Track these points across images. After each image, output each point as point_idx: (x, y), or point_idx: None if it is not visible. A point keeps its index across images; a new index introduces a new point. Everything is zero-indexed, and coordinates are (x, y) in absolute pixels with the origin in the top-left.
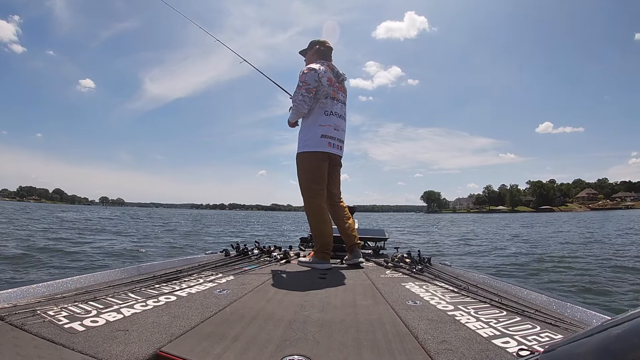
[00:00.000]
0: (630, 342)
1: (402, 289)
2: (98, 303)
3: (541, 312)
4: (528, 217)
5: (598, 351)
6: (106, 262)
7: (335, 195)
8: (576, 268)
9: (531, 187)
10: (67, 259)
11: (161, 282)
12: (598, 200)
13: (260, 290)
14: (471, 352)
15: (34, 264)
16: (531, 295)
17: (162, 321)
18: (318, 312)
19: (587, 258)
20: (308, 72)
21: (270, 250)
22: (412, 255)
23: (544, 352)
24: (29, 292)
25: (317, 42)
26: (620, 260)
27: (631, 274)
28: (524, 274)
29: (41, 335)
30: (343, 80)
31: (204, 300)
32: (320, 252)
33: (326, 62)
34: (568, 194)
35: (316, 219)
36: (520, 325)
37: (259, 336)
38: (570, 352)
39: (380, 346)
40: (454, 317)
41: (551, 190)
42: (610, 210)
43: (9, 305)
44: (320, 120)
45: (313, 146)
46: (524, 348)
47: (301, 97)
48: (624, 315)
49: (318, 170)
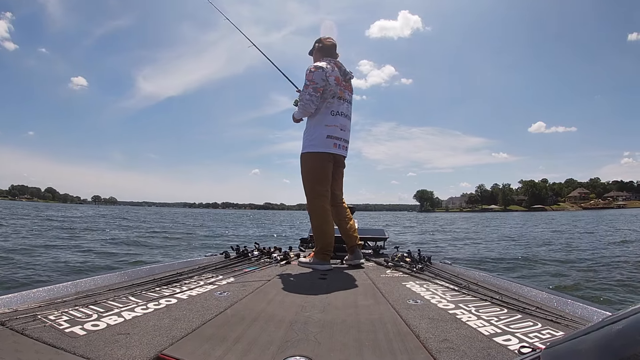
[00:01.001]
0: (631, 338)
1: (402, 289)
2: (99, 307)
3: (542, 309)
4: (526, 216)
5: (599, 347)
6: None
7: (338, 196)
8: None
9: (523, 187)
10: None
11: (162, 284)
12: (590, 200)
13: (260, 291)
14: (473, 350)
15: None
16: (532, 292)
17: (163, 324)
18: (319, 313)
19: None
20: (315, 70)
21: (271, 252)
22: (412, 255)
23: (546, 349)
24: (30, 296)
25: (319, 40)
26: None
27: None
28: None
29: (42, 340)
30: (350, 78)
31: (205, 302)
32: (321, 253)
33: (333, 60)
34: (560, 193)
35: (319, 220)
36: (522, 323)
37: (260, 338)
38: (571, 348)
39: (381, 346)
40: (455, 316)
41: (543, 189)
42: (602, 209)
43: (10, 310)
44: (327, 121)
45: (318, 147)
46: (526, 345)
47: (308, 97)
48: (625, 312)
49: (322, 171)
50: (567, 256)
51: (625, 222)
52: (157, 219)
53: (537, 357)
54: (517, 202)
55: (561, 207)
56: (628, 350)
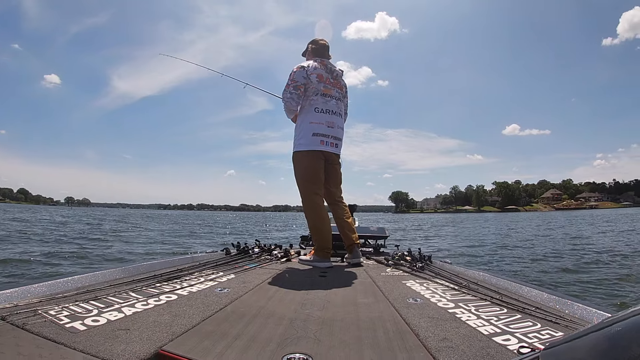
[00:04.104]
0: (630, 339)
1: (402, 287)
2: (99, 302)
3: (541, 309)
4: (499, 217)
5: (599, 348)
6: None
7: (335, 193)
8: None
9: (497, 188)
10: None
11: (162, 280)
12: (562, 201)
13: (261, 288)
14: (472, 349)
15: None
16: (532, 292)
17: (163, 320)
18: (319, 311)
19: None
20: (297, 70)
21: (271, 249)
22: (412, 253)
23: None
24: (30, 291)
25: (311, 42)
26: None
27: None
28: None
29: (42, 335)
30: (338, 76)
31: (205, 298)
32: (321, 250)
33: (319, 59)
34: (533, 194)
35: (314, 218)
36: (521, 323)
37: (260, 334)
38: (571, 349)
39: (381, 344)
40: (455, 315)
41: (517, 190)
42: (575, 210)
43: (10, 305)
44: (311, 118)
45: (306, 145)
46: (525, 345)
47: (289, 95)
48: (625, 313)
49: (313, 169)
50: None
51: (583, 224)
52: (117, 225)
53: (536, 358)
54: (490, 203)
55: (534, 208)
56: (628, 351)
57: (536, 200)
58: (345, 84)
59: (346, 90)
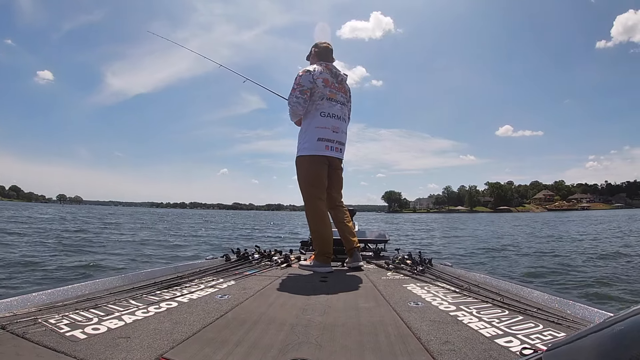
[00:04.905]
0: (633, 339)
1: (403, 291)
2: (99, 310)
3: (543, 310)
4: (493, 217)
5: (601, 348)
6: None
7: (336, 198)
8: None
9: (489, 188)
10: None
11: (162, 288)
12: (555, 202)
13: (261, 294)
14: (474, 352)
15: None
16: (533, 293)
17: (163, 327)
18: (320, 316)
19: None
20: (303, 74)
21: (271, 255)
22: (413, 257)
23: (547, 350)
24: (30, 300)
25: (315, 45)
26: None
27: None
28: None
29: (43, 344)
30: (342, 80)
31: (206, 305)
32: (321, 255)
33: (324, 63)
34: (526, 195)
35: (316, 223)
36: (523, 324)
37: (261, 341)
38: (573, 349)
39: (382, 348)
40: (456, 318)
41: (509, 191)
42: (566, 211)
43: (10, 314)
44: (317, 122)
45: (311, 150)
46: (527, 347)
47: (295, 99)
48: (626, 312)
49: (316, 174)
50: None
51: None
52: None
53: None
54: (483, 203)
55: (526, 209)
56: (630, 351)
57: (528, 201)
58: (349, 88)
59: (350, 95)
